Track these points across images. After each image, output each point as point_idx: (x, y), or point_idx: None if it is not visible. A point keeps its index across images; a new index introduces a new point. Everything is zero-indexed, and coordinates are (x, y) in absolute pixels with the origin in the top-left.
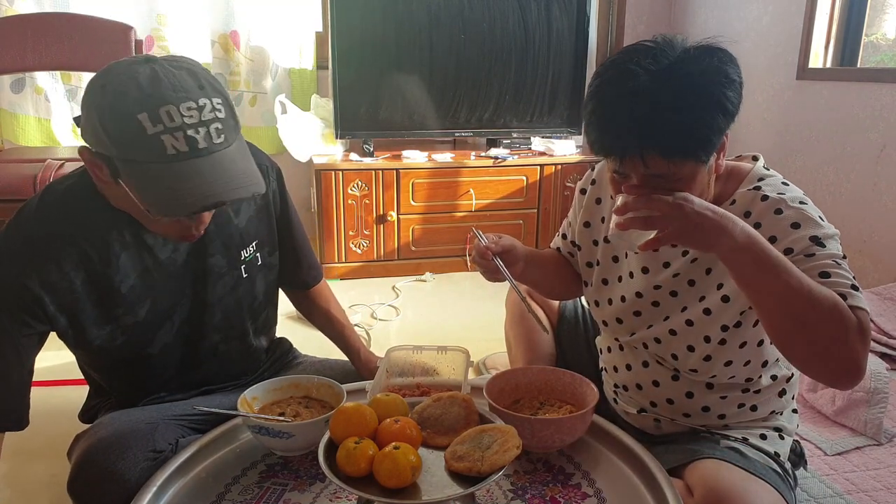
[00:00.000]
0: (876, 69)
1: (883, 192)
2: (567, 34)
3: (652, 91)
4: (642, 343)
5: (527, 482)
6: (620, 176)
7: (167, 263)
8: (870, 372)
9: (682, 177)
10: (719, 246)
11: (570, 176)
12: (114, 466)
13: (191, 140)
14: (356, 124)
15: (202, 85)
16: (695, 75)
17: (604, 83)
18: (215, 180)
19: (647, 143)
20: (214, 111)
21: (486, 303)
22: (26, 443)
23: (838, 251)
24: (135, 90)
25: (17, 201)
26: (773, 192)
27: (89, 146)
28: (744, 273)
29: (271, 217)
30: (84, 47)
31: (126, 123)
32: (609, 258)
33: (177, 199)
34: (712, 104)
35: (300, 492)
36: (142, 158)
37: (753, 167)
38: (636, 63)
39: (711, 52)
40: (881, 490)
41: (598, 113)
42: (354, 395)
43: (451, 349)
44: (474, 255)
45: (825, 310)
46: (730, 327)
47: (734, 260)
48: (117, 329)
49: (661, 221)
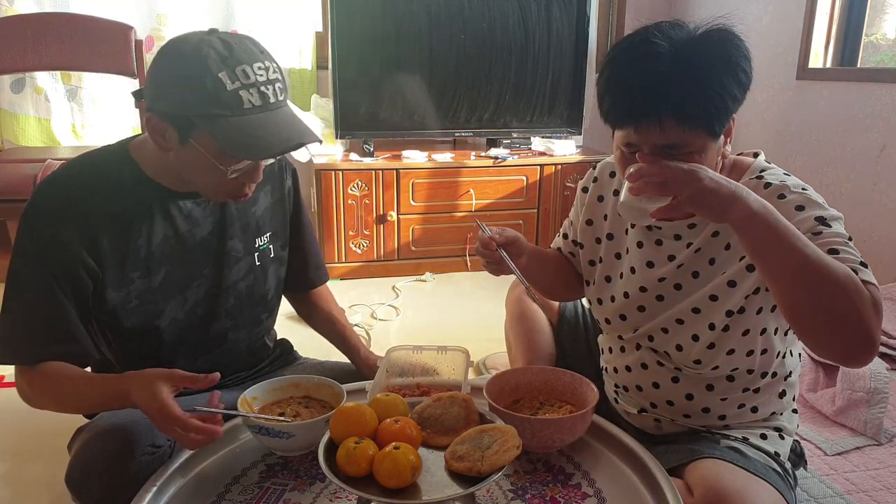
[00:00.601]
0: (876, 69)
1: (883, 192)
2: (567, 34)
3: (670, 55)
4: (647, 336)
5: (527, 482)
6: (630, 149)
7: (187, 237)
8: (870, 372)
9: (694, 150)
10: (734, 213)
11: (570, 176)
12: (112, 460)
13: (263, 95)
14: (356, 124)
15: (262, 50)
16: (713, 42)
17: (621, 51)
18: (288, 129)
19: (664, 106)
20: (276, 72)
21: (486, 303)
22: (26, 443)
23: (844, 232)
24: (213, 53)
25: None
26: (775, 179)
27: (161, 110)
28: (759, 242)
29: (286, 212)
30: (84, 47)
31: (208, 80)
32: (612, 255)
33: (258, 144)
34: (730, 70)
35: (300, 492)
36: (223, 112)
37: (755, 161)
38: (654, 35)
39: (722, 28)
40: (881, 490)
41: (615, 78)
42: (354, 395)
43: (451, 349)
44: (477, 245)
45: (840, 280)
46: (734, 313)
47: (749, 227)
48: (132, 292)
49: (677, 186)
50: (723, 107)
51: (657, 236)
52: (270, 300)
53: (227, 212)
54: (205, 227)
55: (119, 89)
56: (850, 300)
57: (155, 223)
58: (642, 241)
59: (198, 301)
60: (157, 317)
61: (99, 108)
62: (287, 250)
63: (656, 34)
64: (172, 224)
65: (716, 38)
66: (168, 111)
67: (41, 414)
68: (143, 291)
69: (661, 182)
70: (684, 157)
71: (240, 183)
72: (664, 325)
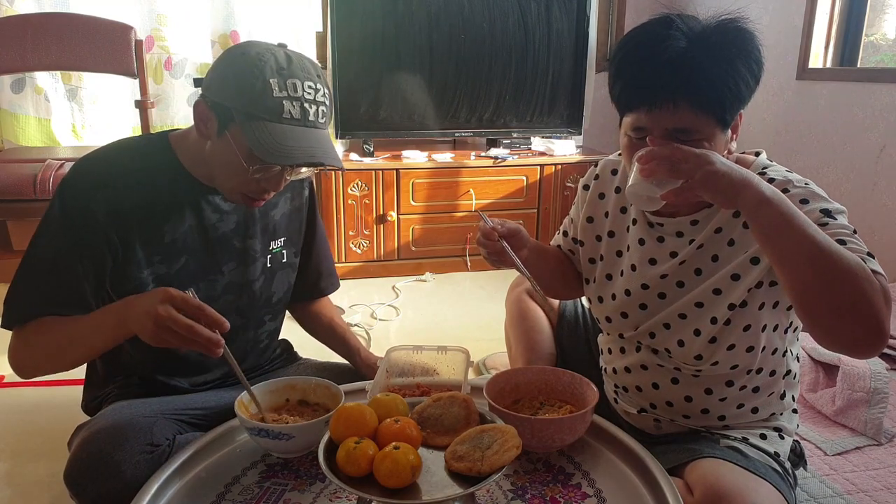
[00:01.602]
0: (876, 69)
1: (883, 192)
2: (567, 34)
3: (688, 40)
4: (648, 333)
5: (527, 482)
6: (639, 134)
7: (211, 230)
8: (870, 372)
9: (704, 136)
10: (746, 197)
11: (570, 176)
12: (110, 458)
13: (304, 111)
14: (356, 124)
15: (319, 75)
16: (730, 30)
17: (637, 34)
18: (316, 147)
19: (681, 88)
20: (325, 97)
21: (486, 303)
22: (26, 442)
23: (849, 224)
24: (272, 61)
25: (18, 201)
26: (778, 175)
27: (210, 98)
28: (771, 227)
29: (302, 221)
30: (84, 47)
31: (258, 82)
32: (613, 253)
33: (281, 151)
34: (746, 57)
35: (300, 492)
36: (262, 114)
37: (757, 159)
38: (670, 21)
39: (741, 20)
40: (881, 490)
41: (629, 59)
42: (354, 396)
43: (451, 349)
44: (479, 237)
45: (852, 267)
46: (736, 306)
47: (761, 212)
48: (151, 275)
49: (689, 168)
50: (737, 93)
51: (659, 233)
52: (275, 304)
53: (251, 212)
54: (228, 223)
55: (119, 89)
56: (861, 287)
57: (183, 212)
58: (644, 239)
59: (212, 295)
60: None
61: (99, 108)
62: (299, 258)
63: (673, 20)
64: (199, 216)
65: (731, 27)
66: (215, 100)
67: (41, 414)
68: (161, 276)
69: (673, 163)
70: (694, 144)
71: (259, 188)
72: (666, 320)
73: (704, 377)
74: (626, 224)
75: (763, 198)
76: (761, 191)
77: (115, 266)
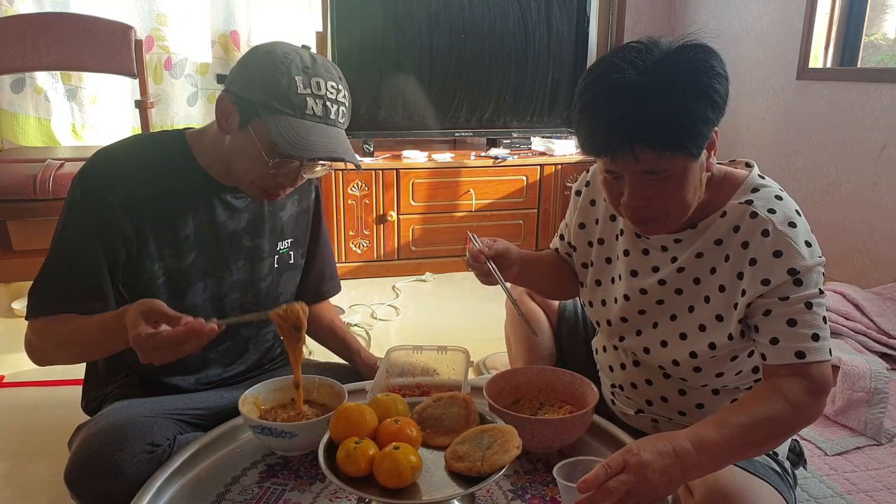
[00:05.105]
0: (876, 69)
1: (883, 191)
2: (567, 34)
3: (639, 84)
4: (632, 353)
5: (527, 482)
6: (613, 176)
7: (221, 228)
8: (870, 372)
9: (674, 173)
10: (691, 477)
11: (570, 176)
12: (110, 457)
13: (327, 109)
14: (356, 124)
15: (341, 77)
16: (681, 67)
17: (591, 82)
18: (336, 143)
19: (636, 135)
20: (345, 98)
21: (486, 303)
22: (26, 442)
23: (815, 287)
24: (298, 60)
25: (18, 201)
26: (763, 208)
27: (234, 92)
28: (714, 468)
29: (308, 223)
30: (84, 47)
31: (284, 78)
32: (602, 259)
33: (303, 144)
34: (699, 93)
35: (300, 492)
36: (286, 108)
37: (748, 175)
38: (622, 59)
39: (695, 47)
40: (881, 490)
41: (586, 111)
42: (354, 396)
43: (451, 349)
44: (468, 258)
45: (774, 432)
46: (720, 342)
47: (706, 472)
48: (162, 268)
49: (634, 499)
50: (695, 131)
51: (644, 245)
52: (281, 304)
53: (261, 212)
54: (239, 221)
55: (119, 89)
56: (785, 433)
57: (196, 208)
58: (629, 250)
59: (219, 292)
60: (180, 298)
61: (99, 108)
62: (304, 259)
63: (624, 63)
64: (211, 213)
65: (685, 60)
66: (240, 94)
67: (41, 414)
68: (171, 270)
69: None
70: (665, 182)
71: (277, 182)
72: (647, 344)
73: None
74: (615, 233)
75: (700, 472)
76: (697, 470)
77: (129, 259)
